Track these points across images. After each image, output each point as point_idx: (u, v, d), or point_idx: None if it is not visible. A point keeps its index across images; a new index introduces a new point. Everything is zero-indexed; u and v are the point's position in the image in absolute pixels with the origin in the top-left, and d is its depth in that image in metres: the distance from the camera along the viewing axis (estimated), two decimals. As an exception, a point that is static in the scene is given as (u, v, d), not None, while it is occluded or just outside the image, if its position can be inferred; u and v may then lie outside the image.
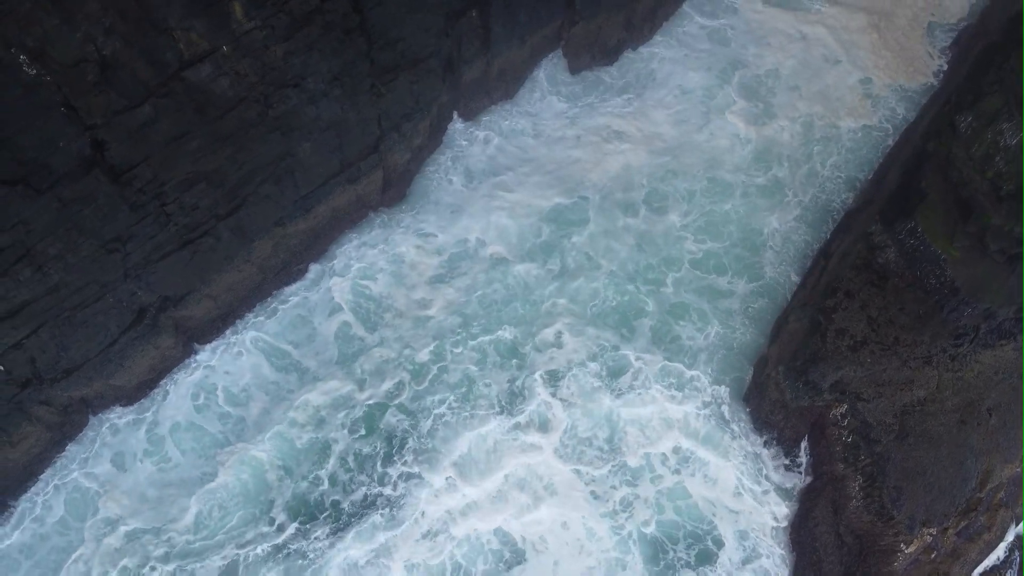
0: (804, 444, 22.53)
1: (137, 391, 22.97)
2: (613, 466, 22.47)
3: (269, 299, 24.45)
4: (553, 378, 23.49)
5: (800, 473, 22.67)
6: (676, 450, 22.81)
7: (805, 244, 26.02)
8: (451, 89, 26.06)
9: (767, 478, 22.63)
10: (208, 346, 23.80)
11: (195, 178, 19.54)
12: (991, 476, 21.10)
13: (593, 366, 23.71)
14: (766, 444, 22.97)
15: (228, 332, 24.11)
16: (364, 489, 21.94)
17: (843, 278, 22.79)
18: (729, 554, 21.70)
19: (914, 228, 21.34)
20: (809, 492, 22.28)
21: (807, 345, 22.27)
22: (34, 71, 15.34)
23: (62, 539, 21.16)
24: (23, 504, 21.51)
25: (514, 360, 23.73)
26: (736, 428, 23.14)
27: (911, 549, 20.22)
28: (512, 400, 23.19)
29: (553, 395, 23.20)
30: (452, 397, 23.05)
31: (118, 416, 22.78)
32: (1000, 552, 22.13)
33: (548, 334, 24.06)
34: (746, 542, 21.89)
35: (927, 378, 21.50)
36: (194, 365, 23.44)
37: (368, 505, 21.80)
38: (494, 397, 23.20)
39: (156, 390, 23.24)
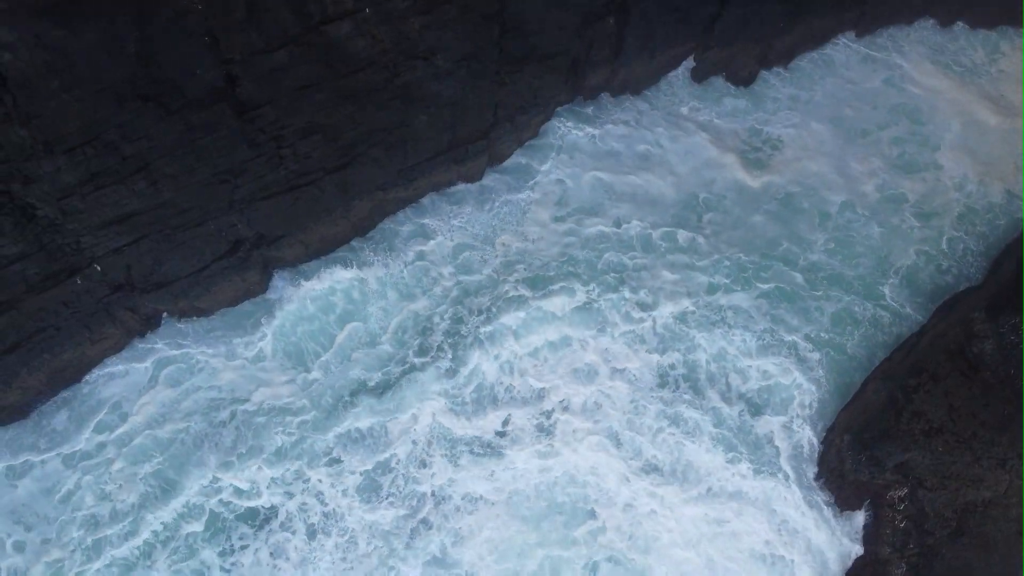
0: (863, 513, 21.79)
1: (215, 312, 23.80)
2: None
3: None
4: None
5: (853, 540, 21.96)
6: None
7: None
8: (571, 91, 26.11)
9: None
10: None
11: (313, 129, 20.16)
12: (1041, 597, 20.12)
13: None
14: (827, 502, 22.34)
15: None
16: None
17: (932, 360, 21.97)
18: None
19: (1018, 325, 20.40)
20: (854, 564, 21.61)
21: (880, 420, 21.57)
22: (187, -1, 16.11)
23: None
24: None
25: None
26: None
27: (942, 651, 19.46)
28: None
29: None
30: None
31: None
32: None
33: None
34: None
35: (997, 481, 20.58)
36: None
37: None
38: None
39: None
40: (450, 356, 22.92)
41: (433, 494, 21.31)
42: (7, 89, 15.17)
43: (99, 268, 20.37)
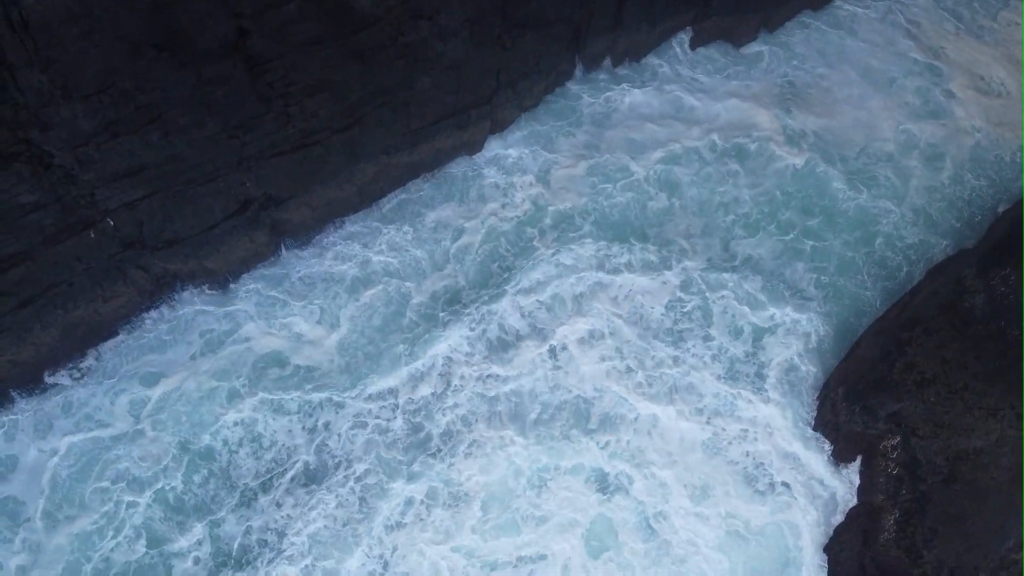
0: (857, 465, 22.27)
1: (224, 277, 24.35)
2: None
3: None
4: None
5: (847, 491, 22.43)
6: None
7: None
8: (572, 59, 26.67)
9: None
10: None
11: (320, 86, 20.70)
12: (1031, 543, 20.56)
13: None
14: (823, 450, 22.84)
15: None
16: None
17: (925, 314, 22.51)
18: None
19: (1007, 275, 20.94)
20: (848, 514, 22.10)
21: (873, 372, 22.09)
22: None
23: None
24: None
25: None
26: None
27: (934, 592, 19.92)
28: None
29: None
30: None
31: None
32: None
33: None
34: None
35: (989, 430, 21.07)
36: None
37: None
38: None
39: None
40: (472, 310, 23.48)
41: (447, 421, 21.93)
42: (28, 34, 15.68)
43: (112, 223, 20.89)
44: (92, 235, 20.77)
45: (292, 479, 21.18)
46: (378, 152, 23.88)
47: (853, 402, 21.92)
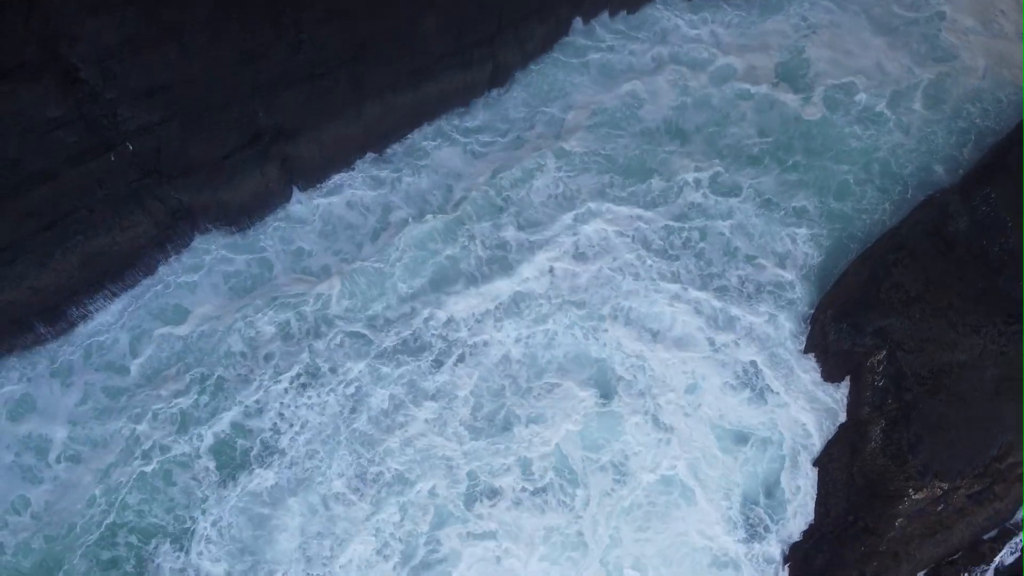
0: (845, 384, 23.09)
1: (237, 215, 25.33)
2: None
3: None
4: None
5: (835, 409, 23.23)
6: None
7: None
8: (574, 5, 27.71)
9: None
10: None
11: (329, 15, 21.75)
12: (1013, 451, 21.31)
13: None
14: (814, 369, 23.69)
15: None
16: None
17: (911, 239, 23.40)
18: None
19: (988, 194, 21.83)
20: (837, 431, 22.91)
21: (860, 292, 22.96)
22: None
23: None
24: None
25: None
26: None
27: (919, 496, 20.70)
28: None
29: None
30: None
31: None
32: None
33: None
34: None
35: (971, 345, 21.91)
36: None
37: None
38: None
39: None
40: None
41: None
42: (58, -56, 16.76)
43: (131, 147, 21.90)
44: (112, 158, 21.75)
45: (292, 380, 22.17)
46: (384, 89, 24.87)
47: (841, 321, 22.79)
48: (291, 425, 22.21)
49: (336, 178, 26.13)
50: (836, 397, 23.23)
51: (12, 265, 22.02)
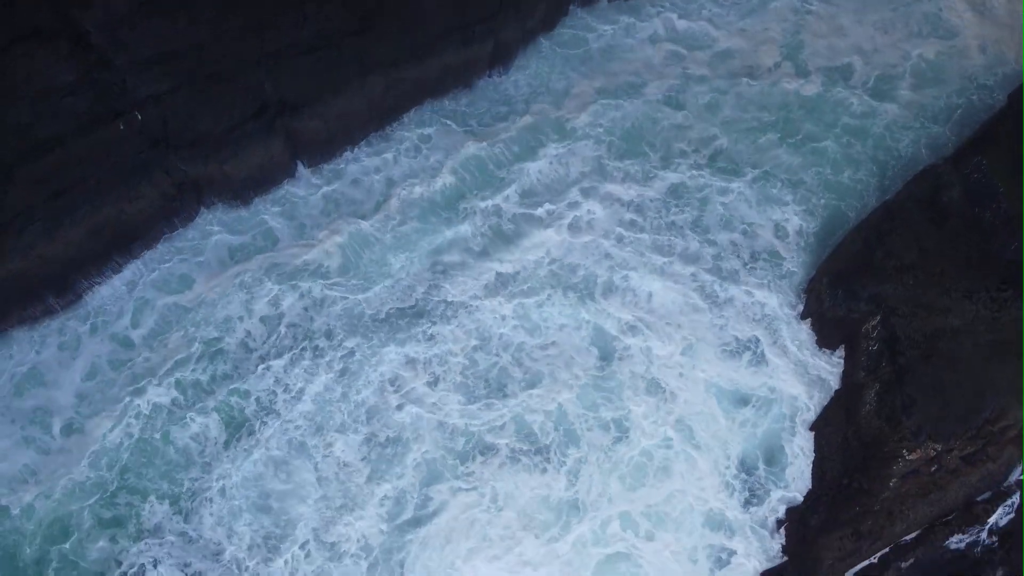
0: (841, 351, 23.48)
1: (242, 189, 25.74)
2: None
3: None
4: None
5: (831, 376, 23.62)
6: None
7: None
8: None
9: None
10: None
11: (335, -14, 22.23)
12: (1006, 414, 21.67)
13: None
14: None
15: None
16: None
17: (904, 209, 23.84)
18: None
19: (980, 162, 22.27)
20: (832, 397, 23.30)
21: (855, 260, 23.39)
22: None
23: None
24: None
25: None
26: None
27: (913, 457, 21.05)
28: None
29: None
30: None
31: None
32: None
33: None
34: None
35: (964, 310, 22.30)
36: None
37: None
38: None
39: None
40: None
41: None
42: (71, -93, 17.21)
43: (139, 116, 22.33)
44: (121, 127, 22.18)
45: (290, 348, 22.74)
46: (387, 64, 25.32)
47: (836, 287, 23.21)
48: (288, 391, 22.62)
49: (339, 153, 26.56)
50: (831, 364, 23.64)
51: (21, 234, 22.43)
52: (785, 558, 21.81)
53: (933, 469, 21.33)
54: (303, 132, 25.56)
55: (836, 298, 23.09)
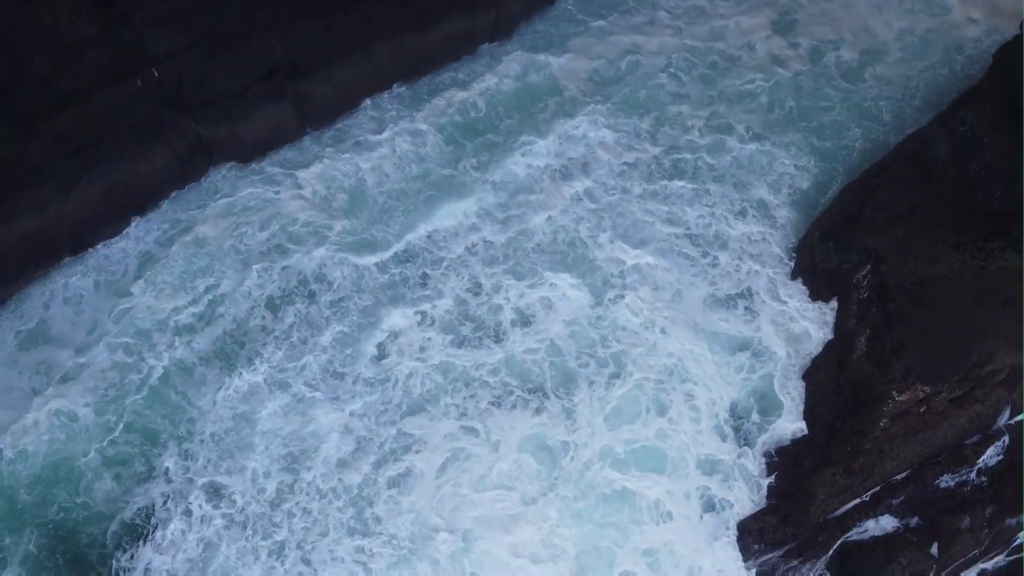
0: (833, 303, 24.16)
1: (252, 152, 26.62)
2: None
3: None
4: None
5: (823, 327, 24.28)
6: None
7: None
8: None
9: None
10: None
11: (344, -51, 23.25)
12: (993, 359, 22.23)
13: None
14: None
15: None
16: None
17: (893, 165, 24.66)
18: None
19: (965, 116, 23.09)
20: (824, 348, 23.96)
21: (845, 214, 24.16)
22: None
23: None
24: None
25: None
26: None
27: (902, 398, 21.64)
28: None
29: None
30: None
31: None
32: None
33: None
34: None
35: (952, 260, 22.97)
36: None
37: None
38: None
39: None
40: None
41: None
42: None
43: (156, 73, 23.30)
44: (139, 83, 23.17)
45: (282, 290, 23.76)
46: (392, 32, 26.30)
47: (828, 239, 23.94)
48: (275, 332, 23.26)
49: (345, 118, 27.40)
50: (823, 315, 24.30)
51: (40, 189, 23.28)
52: (775, 500, 22.33)
53: (922, 410, 21.93)
54: (311, 96, 26.48)
55: (828, 250, 23.81)
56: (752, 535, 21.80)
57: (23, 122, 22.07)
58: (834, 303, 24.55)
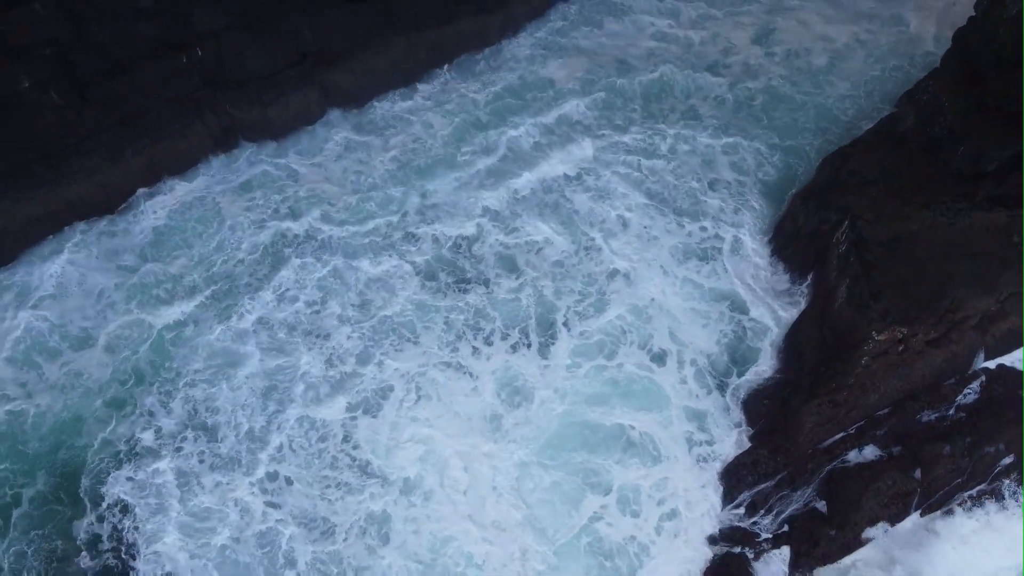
0: (814, 270, 26.10)
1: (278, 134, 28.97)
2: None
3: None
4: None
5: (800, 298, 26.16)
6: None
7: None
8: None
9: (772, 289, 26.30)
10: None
11: (367, -56, 26.11)
12: (964, 304, 24.03)
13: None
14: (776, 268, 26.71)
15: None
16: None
17: (865, 138, 26.99)
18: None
19: (928, 85, 25.54)
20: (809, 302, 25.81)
21: (823, 182, 26.36)
22: None
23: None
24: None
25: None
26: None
27: (881, 338, 23.32)
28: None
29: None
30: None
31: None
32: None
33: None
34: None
35: (922, 218, 25.04)
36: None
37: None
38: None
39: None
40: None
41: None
42: None
43: (199, 52, 25.82)
44: (184, 59, 25.62)
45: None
46: (409, 26, 29.01)
47: (808, 202, 26.07)
48: (270, 285, 25.04)
49: (366, 106, 29.88)
50: (806, 284, 26.26)
51: (88, 156, 25.44)
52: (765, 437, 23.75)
53: (900, 349, 23.59)
54: (336, 85, 28.99)
55: (809, 213, 25.88)
56: (746, 467, 23.15)
57: (78, 89, 24.37)
58: (811, 276, 26.53)
